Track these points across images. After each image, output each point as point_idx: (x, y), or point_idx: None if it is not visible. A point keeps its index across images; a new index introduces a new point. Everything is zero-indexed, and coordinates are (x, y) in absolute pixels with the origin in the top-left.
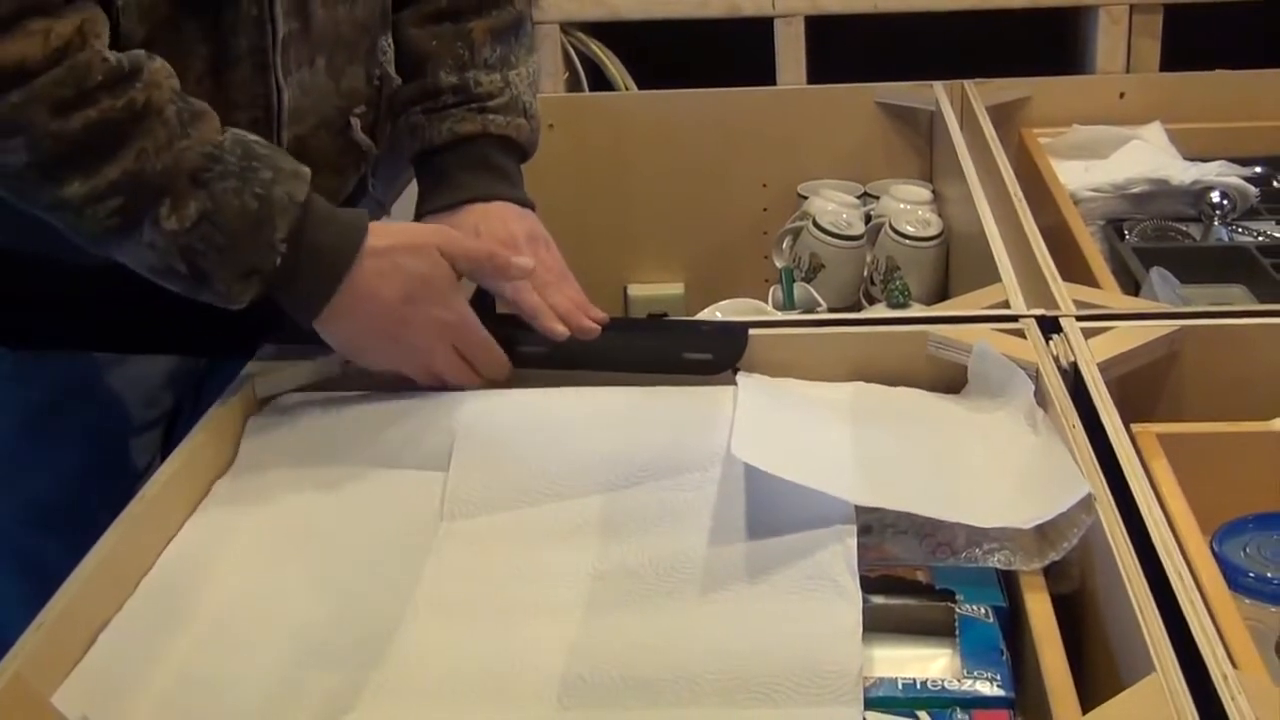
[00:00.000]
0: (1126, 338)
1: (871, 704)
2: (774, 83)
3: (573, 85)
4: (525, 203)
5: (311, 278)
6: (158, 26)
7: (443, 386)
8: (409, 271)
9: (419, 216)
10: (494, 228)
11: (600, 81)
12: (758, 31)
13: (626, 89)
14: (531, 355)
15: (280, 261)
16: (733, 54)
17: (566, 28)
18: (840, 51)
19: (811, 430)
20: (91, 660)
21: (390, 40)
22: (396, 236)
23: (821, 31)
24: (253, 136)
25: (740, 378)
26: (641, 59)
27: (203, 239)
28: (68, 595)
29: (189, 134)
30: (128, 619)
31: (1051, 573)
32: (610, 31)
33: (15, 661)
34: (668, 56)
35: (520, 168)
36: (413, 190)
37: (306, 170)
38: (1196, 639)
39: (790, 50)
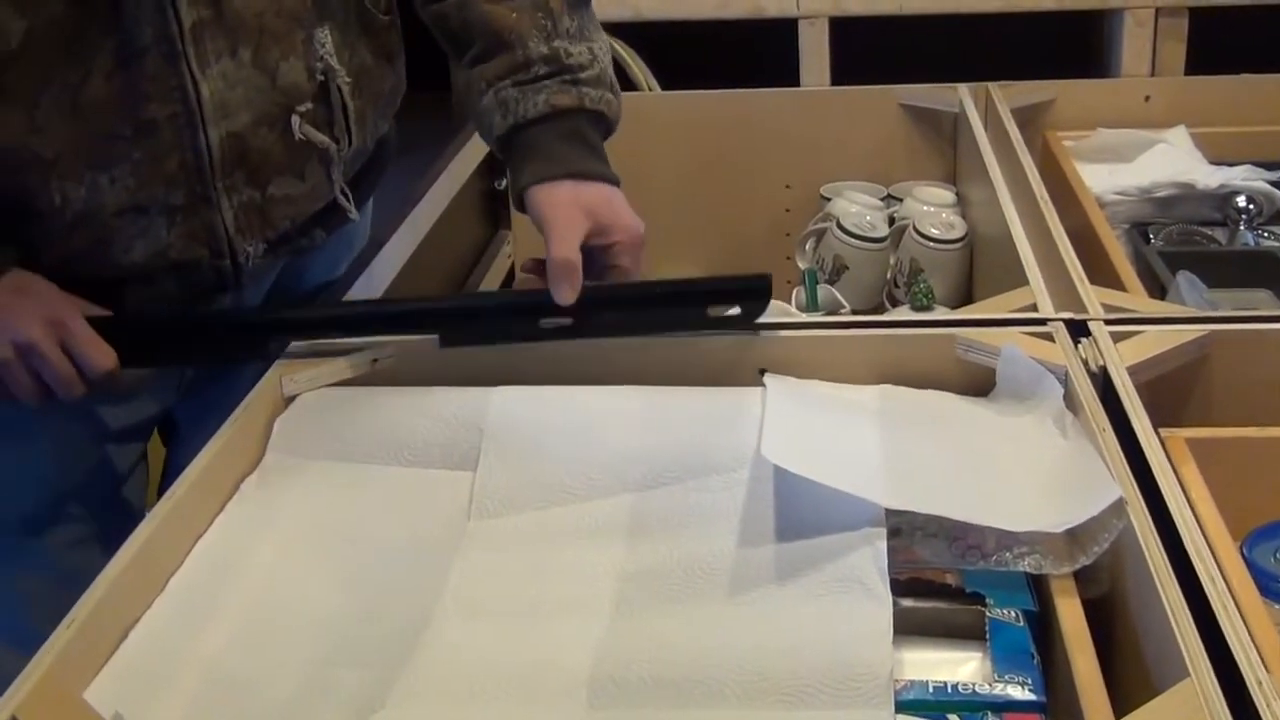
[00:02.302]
0: (1155, 342)
1: (902, 707)
2: (797, 84)
3: None
4: (616, 181)
5: None
6: (45, 20)
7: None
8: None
9: (518, 194)
10: (619, 219)
11: (623, 82)
12: (781, 32)
13: (650, 89)
14: (554, 328)
15: None
16: (756, 55)
17: None
18: (864, 53)
19: (840, 432)
20: (122, 657)
21: (330, 33)
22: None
23: (845, 33)
24: None
25: (768, 379)
26: (665, 59)
27: None
28: (98, 592)
29: None
30: (158, 616)
31: (1081, 576)
32: (633, 32)
33: (48, 657)
34: (691, 57)
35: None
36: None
37: None
38: (1230, 644)
39: (814, 51)
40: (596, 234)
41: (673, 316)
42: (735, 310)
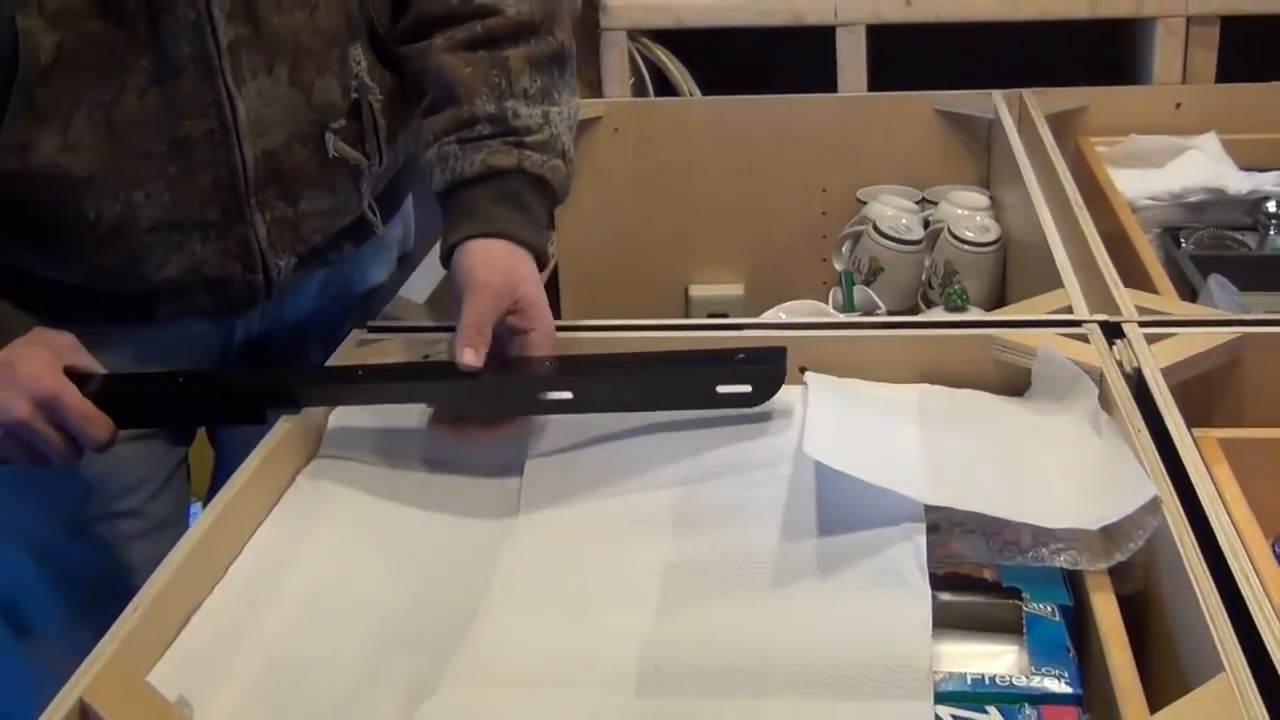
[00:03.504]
0: (1189, 344)
1: (941, 698)
2: (835, 90)
3: (638, 90)
4: (545, 254)
5: None
6: (77, 36)
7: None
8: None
9: (446, 251)
10: (539, 307)
11: (665, 87)
12: (820, 40)
13: (691, 95)
14: (556, 403)
15: None
16: (795, 62)
17: (633, 35)
18: (901, 60)
19: (880, 430)
20: (185, 642)
21: (363, 51)
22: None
23: (882, 40)
24: None
25: (809, 377)
26: (706, 66)
27: None
28: (162, 579)
29: None
30: (218, 603)
31: (1116, 573)
32: (676, 39)
33: (113, 643)
34: (731, 63)
35: (547, 215)
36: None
37: None
38: (1265, 640)
39: (852, 58)
40: (515, 313)
41: (680, 392)
42: (746, 389)
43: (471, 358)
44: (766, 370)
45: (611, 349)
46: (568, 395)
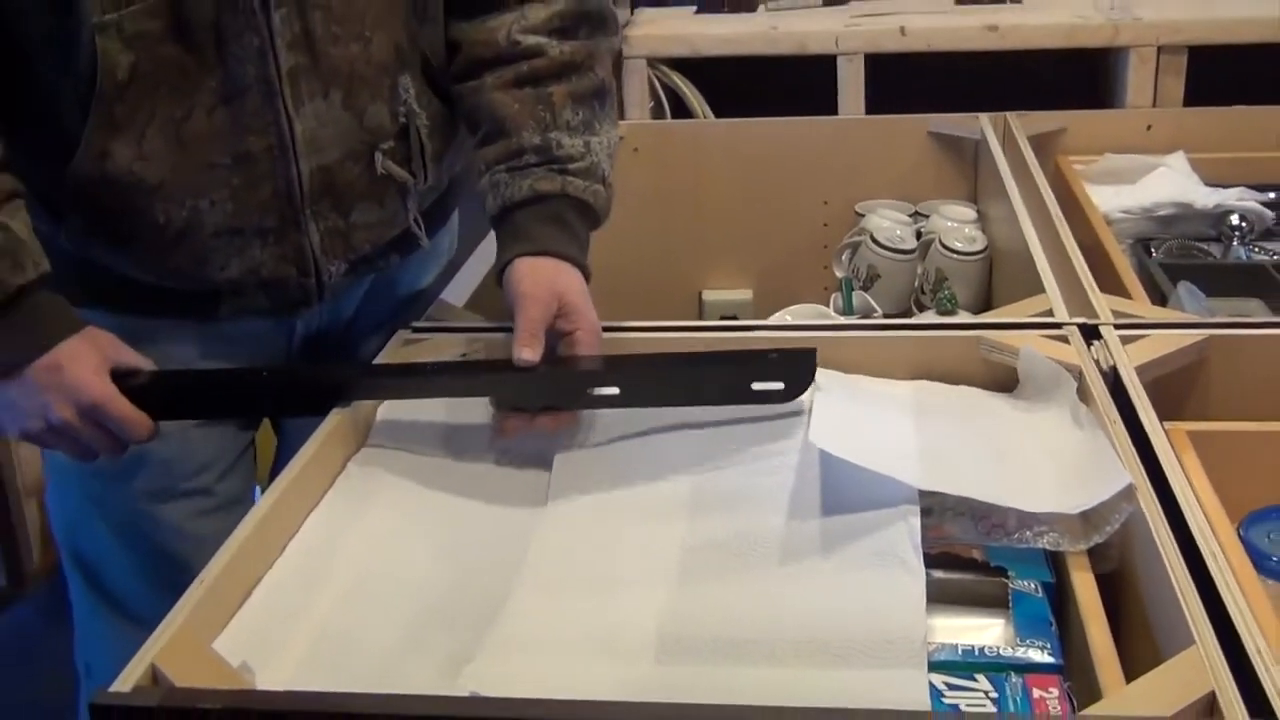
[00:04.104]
0: (1160, 344)
1: (934, 667)
2: (836, 113)
3: (656, 113)
4: (588, 270)
5: None
6: (151, 57)
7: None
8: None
9: (500, 269)
10: (584, 310)
11: (681, 110)
12: (822, 67)
13: (704, 117)
14: (603, 398)
15: None
16: (800, 87)
17: (652, 62)
18: (896, 85)
19: (880, 422)
20: (247, 613)
21: (412, 80)
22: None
23: (879, 68)
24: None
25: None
26: (718, 90)
27: None
28: (226, 555)
29: None
30: (277, 578)
31: (1094, 553)
32: (691, 66)
33: (182, 613)
34: (742, 89)
35: (589, 234)
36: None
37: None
38: (1232, 615)
39: (851, 84)
40: (560, 317)
41: (717, 388)
42: (779, 385)
43: (529, 354)
44: (798, 369)
45: (638, 348)
46: (615, 391)
